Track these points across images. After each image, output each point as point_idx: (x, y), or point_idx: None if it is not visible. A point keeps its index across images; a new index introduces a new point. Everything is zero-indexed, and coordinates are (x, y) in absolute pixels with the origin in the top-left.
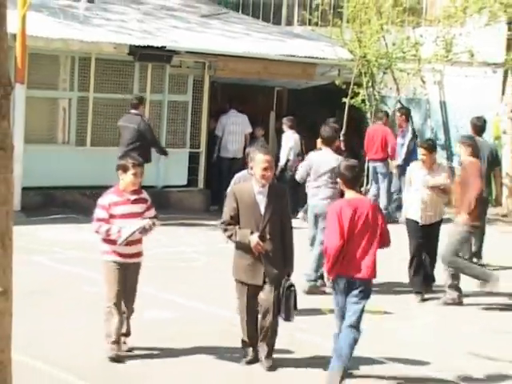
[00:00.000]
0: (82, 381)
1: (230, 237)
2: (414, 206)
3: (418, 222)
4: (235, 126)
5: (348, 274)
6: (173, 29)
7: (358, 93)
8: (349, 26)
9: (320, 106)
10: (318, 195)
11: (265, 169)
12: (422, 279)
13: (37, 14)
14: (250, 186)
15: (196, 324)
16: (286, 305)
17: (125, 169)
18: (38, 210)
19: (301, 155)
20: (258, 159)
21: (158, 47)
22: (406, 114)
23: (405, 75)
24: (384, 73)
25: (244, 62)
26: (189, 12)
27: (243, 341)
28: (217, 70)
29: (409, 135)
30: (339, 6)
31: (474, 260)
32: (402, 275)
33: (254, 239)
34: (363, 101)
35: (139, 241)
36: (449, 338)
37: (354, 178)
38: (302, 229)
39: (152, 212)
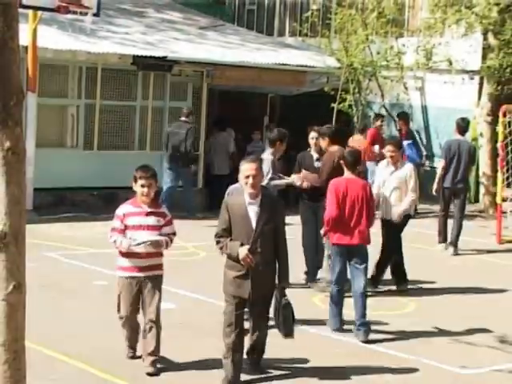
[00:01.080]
0: (89, 366)
1: (221, 249)
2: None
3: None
4: (220, 146)
5: (346, 242)
6: (173, 40)
7: (346, 98)
8: (336, 37)
9: (310, 111)
10: None
11: (246, 177)
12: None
13: (47, 27)
14: (241, 197)
15: (198, 314)
16: (284, 323)
17: (135, 179)
18: (49, 209)
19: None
20: (242, 168)
21: (159, 57)
22: (404, 118)
23: (388, 82)
24: (369, 80)
25: (239, 70)
26: (188, 24)
27: (224, 356)
28: (214, 78)
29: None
30: (327, 17)
31: (451, 249)
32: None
33: (242, 251)
34: (350, 106)
35: (155, 254)
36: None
37: (353, 162)
38: None
39: (170, 228)
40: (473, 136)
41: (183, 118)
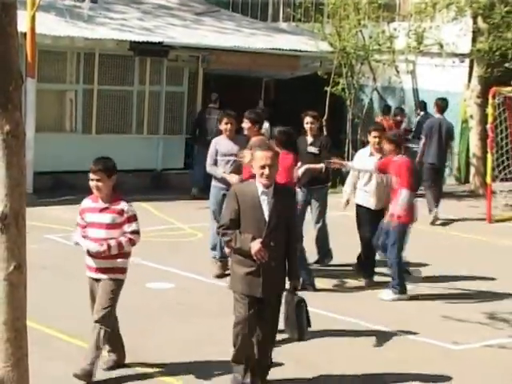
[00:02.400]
0: (82, 342)
1: (229, 242)
2: (365, 192)
3: (369, 209)
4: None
5: None
6: (169, 26)
7: (338, 82)
8: (329, 22)
9: (304, 95)
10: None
11: (262, 166)
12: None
13: (45, 14)
14: (253, 186)
15: (195, 293)
16: (297, 323)
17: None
18: (49, 192)
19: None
20: (257, 156)
21: (156, 43)
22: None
23: (381, 66)
24: (362, 64)
25: (234, 55)
26: (184, 10)
27: (234, 360)
28: (210, 63)
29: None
30: (320, 3)
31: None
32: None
33: (255, 246)
34: (343, 89)
35: (111, 256)
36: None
37: (286, 141)
38: None
39: (131, 226)
40: (463, 118)
41: (212, 105)
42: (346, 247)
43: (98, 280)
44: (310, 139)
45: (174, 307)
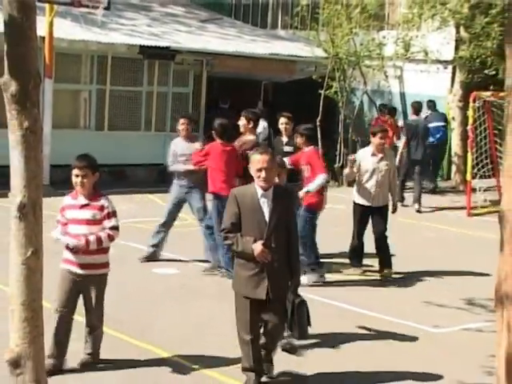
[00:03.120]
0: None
1: (230, 245)
2: (366, 191)
3: (368, 206)
4: None
5: None
6: (176, 32)
7: (332, 85)
8: (324, 30)
9: (300, 97)
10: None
11: (259, 169)
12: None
13: (62, 19)
14: (252, 189)
15: (198, 278)
16: (299, 323)
17: (72, 168)
18: (65, 184)
19: (267, 139)
20: (253, 159)
21: (163, 47)
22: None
23: (371, 70)
24: (353, 68)
25: (236, 59)
26: (189, 18)
27: (245, 368)
28: (213, 67)
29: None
30: (316, 12)
31: (416, 205)
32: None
33: (257, 247)
34: (336, 92)
35: (96, 251)
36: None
37: (311, 136)
38: None
39: (109, 222)
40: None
41: (222, 105)
42: (334, 237)
43: (83, 277)
44: (285, 139)
45: (177, 291)
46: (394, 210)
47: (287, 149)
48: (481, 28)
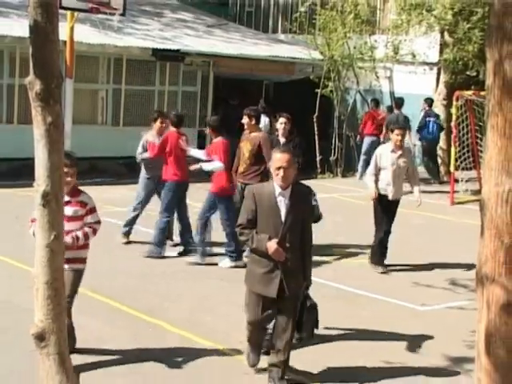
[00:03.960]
0: (111, 300)
1: (245, 241)
2: (382, 183)
3: (386, 199)
4: None
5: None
6: (185, 36)
7: (327, 85)
8: (320, 34)
9: (298, 95)
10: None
11: (278, 168)
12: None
13: (81, 25)
14: (270, 187)
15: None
16: (306, 325)
17: None
18: (84, 175)
19: (270, 133)
20: (273, 158)
21: (174, 50)
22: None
23: (363, 71)
24: (347, 70)
25: (240, 61)
26: (198, 23)
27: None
28: (219, 68)
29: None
30: (313, 18)
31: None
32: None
33: (272, 246)
34: (331, 91)
35: (81, 246)
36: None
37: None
38: None
39: (92, 217)
40: None
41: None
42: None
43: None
44: (282, 139)
45: (186, 271)
46: (419, 203)
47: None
48: (463, 33)
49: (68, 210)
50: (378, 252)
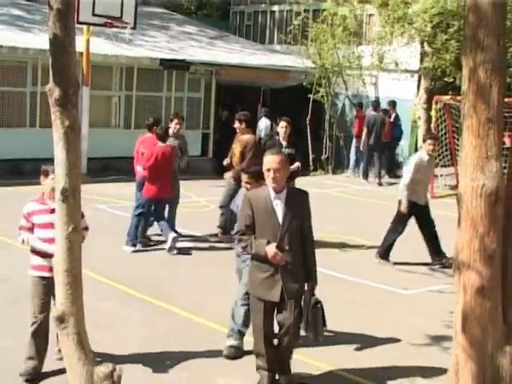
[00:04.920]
0: (126, 287)
1: (244, 248)
2: (418, 190)
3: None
4: None
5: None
6: (190, 47)
7: (319, 90)
8: (312, 44)
9: (293, 100)
10: None
11: (268, 169)
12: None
13: (97, 38)
14: (266, 191)
15: (209, 250)
16: (313, 323)
17: (46, 173)
18: (99, 173)
19: (269, 135)
20: (264, 160)
21: (180, 60)
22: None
23: (351, 78)
24: (336, 77)
25: (239, 69)
26: (201, 35)
27: (258, 366)
28: (221, 76)
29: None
30: (305, 30)
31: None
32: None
33: (271, 250)
34: (322, 96)
35: None
36: None
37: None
38: None
39: (82, 223)
40: (413, 119)
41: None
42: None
43: (49, 278)
44: (284, 142)
45: (193, 260)
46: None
47: (288, 151)
48: (441, 44)
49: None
50: (388, 249)
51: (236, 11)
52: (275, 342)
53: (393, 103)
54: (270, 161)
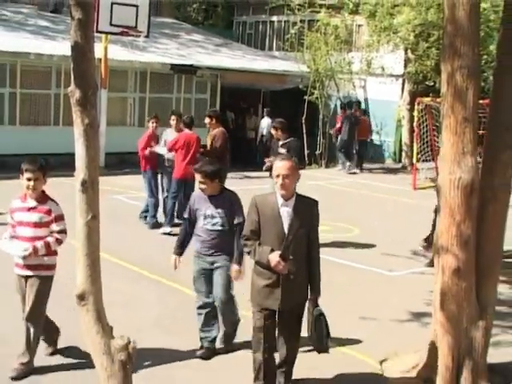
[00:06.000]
0: (140, 269)
1: (248, 253)
2: None
3: None
4: None
5: None
6: (197, 53)
7: (313, 93)
8: (307, 51)
9: (289, 101)
10: None
11: (277, 176)
12: None
13: (114, 45)
14: (274, 197)
15: None
16: (317, 335)
17: (21, 172)
18: (116, 166)
19: (270, 133)
20: (274, 166)
21: (188, 65)
22: (349, 105)
23: (342, 82)
24: (329, 80)
25: (242, 73)
26: (207, 43)
27: (256, 378)
28: (225, 79)
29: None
30: (301, 38)
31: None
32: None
33: (273, 258)
34: (316, 98)
35: (37, 254)
36: None
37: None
38: None
39: (58, 226)
40: (397, 118)
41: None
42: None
43: (25, 277)
44: (280, 142)
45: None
46: None
47: (281, 150)
48: (423, 51)
49: (34, 216)
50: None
51: (239, 21)
52: (276, 355)
53: (349, 104)
54: (280, 167)
